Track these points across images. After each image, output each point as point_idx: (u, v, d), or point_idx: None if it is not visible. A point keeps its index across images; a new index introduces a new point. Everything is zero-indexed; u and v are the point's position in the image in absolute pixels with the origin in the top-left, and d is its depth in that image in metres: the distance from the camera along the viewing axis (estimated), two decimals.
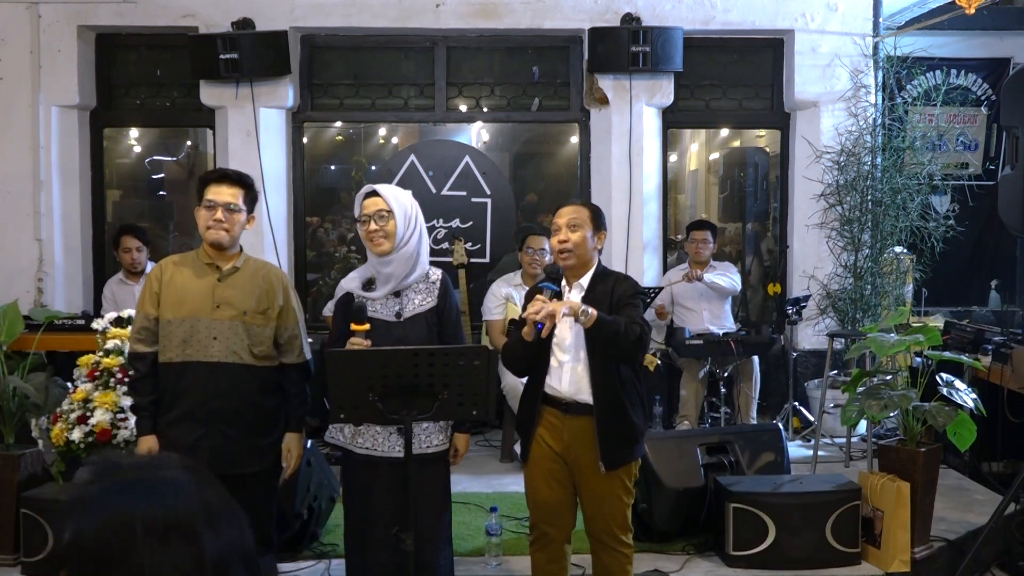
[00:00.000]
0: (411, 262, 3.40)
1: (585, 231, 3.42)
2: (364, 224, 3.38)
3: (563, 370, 3.40)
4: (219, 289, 3.43)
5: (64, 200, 6.88)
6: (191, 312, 3.39)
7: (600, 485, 3.37)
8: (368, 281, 3.42)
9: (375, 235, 3.35)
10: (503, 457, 5.98)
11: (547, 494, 3.44)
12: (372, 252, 3.39)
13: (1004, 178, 4.98)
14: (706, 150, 9.36)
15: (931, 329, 4.48)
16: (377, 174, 7.24)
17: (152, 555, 1.13)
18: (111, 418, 4.07)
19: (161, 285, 3.44)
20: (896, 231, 6.78)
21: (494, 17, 6.83)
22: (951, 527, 4.66)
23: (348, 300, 3.42)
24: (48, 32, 6.72)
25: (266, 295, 3.48)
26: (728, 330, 6.30)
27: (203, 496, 1.20)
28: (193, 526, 1.16)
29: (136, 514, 1.15)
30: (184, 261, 3.51)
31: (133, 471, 1.20)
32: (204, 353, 3.38)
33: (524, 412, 3.51)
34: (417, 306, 3.42)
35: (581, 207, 3.50)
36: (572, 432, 3.38)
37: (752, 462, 4.67)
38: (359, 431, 3.37)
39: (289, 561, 4.22)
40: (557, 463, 3.42)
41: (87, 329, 4.89)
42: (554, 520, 3.45)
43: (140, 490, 1.18)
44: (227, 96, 6.74)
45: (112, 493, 1.17)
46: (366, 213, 3.38)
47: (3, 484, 4.26)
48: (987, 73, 7.62)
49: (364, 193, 3.43)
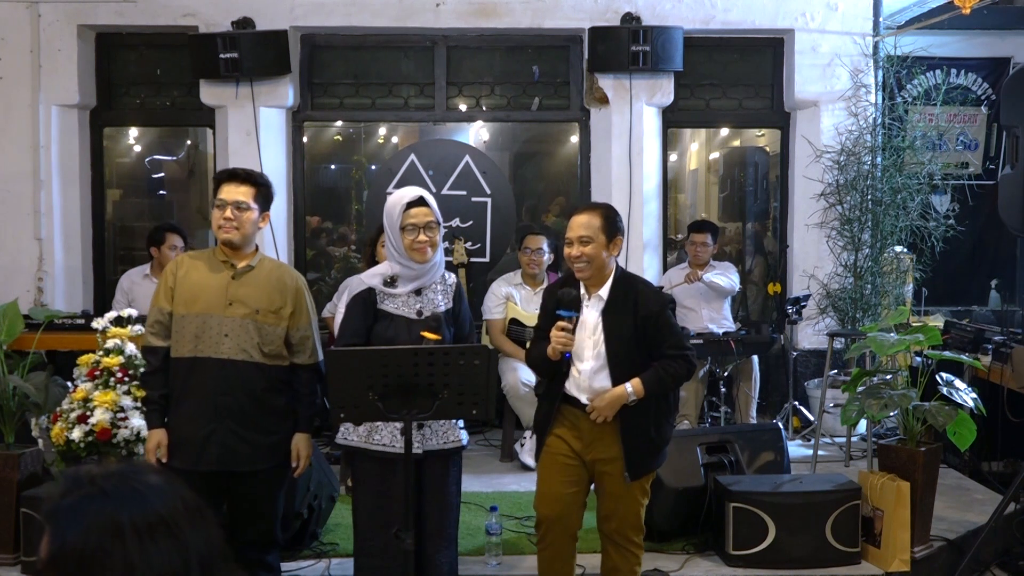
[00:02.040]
0: (438, 267, 3.47)
1: (597, 243, 3.35)
2: (410, 233, 3.34)
3: (583, 380, 3.39)
4: (232, 287, 3.45)
5: (64, 199, 6.88)
6: (204, 308, 3.42)
7: (619, 486, 3.39)
8: (391, 278, 3.41)
9: (423, 245, 3.34)
10: (503, 457, 5.98)
11: (559, 490, 3.42)
12: (414, 260, 3.36)
13: (1004, 178, 4.98)
14: (706, 150, 9.35)
15: (931, 329, 4.48)
16: (377, 174, 7.24)
17: (142, 552, 1.16)
18: (111, 417, 4.07)
19: (176, 280, 3.47)
20: (896, 231, 6.77)
21: (494, 16, 6.83)
22: (951, 527, 4.66)
23: (369, 296, 3.41)
24: (48, 31, 6.72)
25: (279, 295, 3.50)
26: (728, 330, 6.30)
27: (182, 496, 1.24)
28: (178, 523, 1.20)
29: (121, 516, 1.18)
30: (200, 257, 3.55)
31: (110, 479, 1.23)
32: (215, 349, 3.40)
33: (542, 411, 3.50)
34: (436, 305, 3.45)
35: (593, 215, 3.40)
36: (593, 432, 3.38)
37: (752, 462, 4.67)
38: (376, 428, 3.35)
39: (289, 561, 4.22)
40: (573, 461, 3.41)
41: (87, 328, 4.89)
42: (562, 517, 3.44)
43: (121, 494, 1.21)
44: (227, 95, 6.73)
45: (92, 500, 1.20)
46: (413, 223, 3.34)
47: (3, 483, 4.26)
48: (987, 73, 7.62)
49: (409, 201, 3.38)
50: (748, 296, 7.60)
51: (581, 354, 3.38)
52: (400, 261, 3.40)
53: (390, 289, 3.40)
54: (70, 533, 1.18)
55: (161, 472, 1.28)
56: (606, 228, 3.38)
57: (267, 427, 3.48)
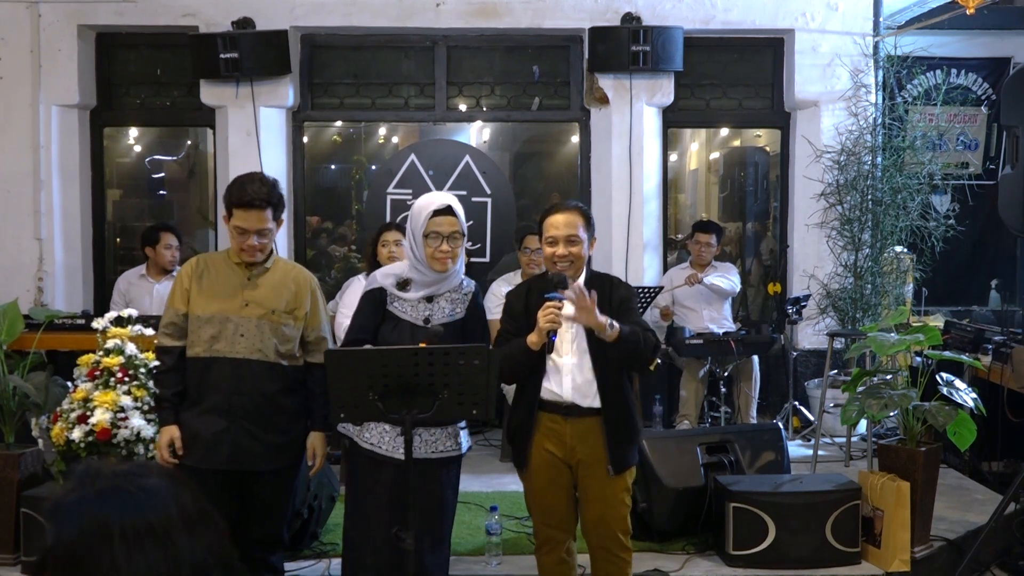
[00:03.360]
0: (455, 275, 3.40)
1: (581, 242, 3.36)
2: (433, 241, 3.28)
3: (564, 374, 3.36)
4: (248, 288, 3.47)
5: (64, 199, 6.88)
6: (220, 309, 3.44)
7: (606, 487, 3.38)
8: (404, 282, 3.38)
9: (444, 256, 3.29)
10: (503, 457, 5.97)
11: (553, 501, 3.43)
12: (433, 268, 3.31)
13: (1004, 177, 4.98)
14: (706, 149, 9.35)
15: (931, 328, 4.48)
16: (377, 174, 7.25)
17: (128, 560, 1.17)
18: (111, 417, 4.07)
19: (191, 282, 3.49)
20: (896, 231, 6.77)
21: (494, 16, 6.83)
22: (951, 527, 4.66)
23: (379, 295, 3.39)
24: (48, 31, 6.72)
25: (295, 297, 3.52)
26: (728, 329, 6.31)
27: (180, 503, 1.24)
28: (168, 531, 1.20)
29: (112, 521, 1.19)
30: (215, 258, 3.57)
31: (111, 479, 1.24)
32: (231, 349, 3.42)
33: (518, 419, 3.45)
34: (446, 315, 3.39)
35: (574, 215, 3.38)
36: (575, 435, 3.36)
37: (752, 462, 4.67)
38: (366, 425, 3.35)
39: (289, 560, 4.21)
40: (559, 468, 3.40)
41: (87, 328, 4.88)
42: (560, 523, 3.46)
43: (117, 498, 1.22)
44: (227, 95, 6.73)
45: (89, 501, 1.21)
46: (438, 231, 3.28)
47: (3, 483, 4.26)
48: (987, 73, 7.62)
49: (436, 209, 3.30)
50: (748, 296, 7.60)
51: (560, 349, 3.35)
52: (418, 267, 3.35)
53: (401, 292, 3.37)
54: (64, 531, 1.20)
55: (166, 474, 1.28)
56: (587, 227, 3.41)
57: (280, 427, 3.50)
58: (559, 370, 3.36)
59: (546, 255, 3.41)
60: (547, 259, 3.41)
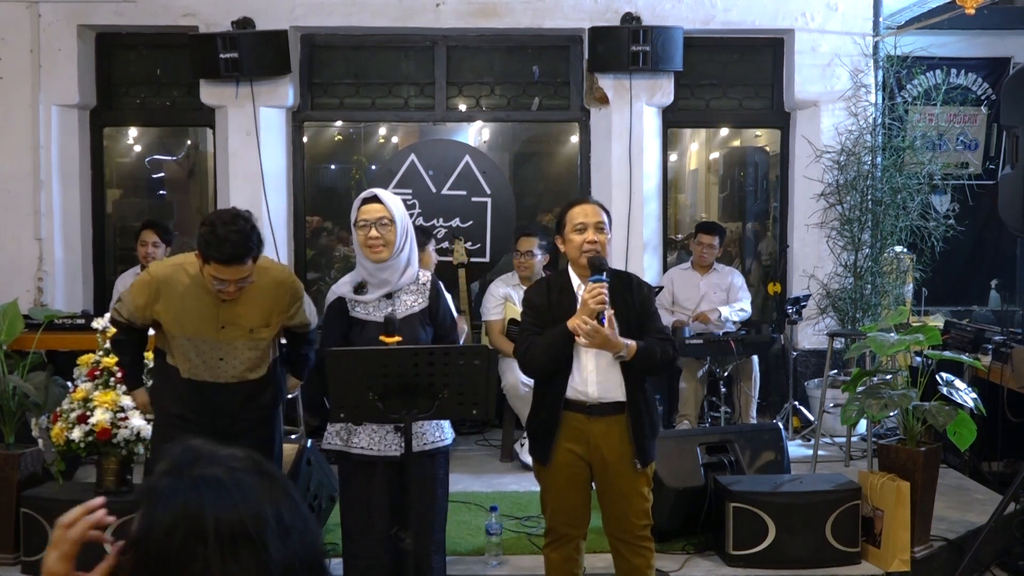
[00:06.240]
0: (403, 268, 3.43)
1: (607, 233, 3.48)
2: (363, 229, 3.36)
3: (589, 370, 3.38)
4: (224, 308, 3.36)
5: (64, 199, 6.87)
6: (195, 332, 3.37)
7: (628, 483, 3.41)
8: (359, 285, 3.43)
9: (375, 242, 3.34)
10: (503, 457, 5.97)
11: (573, 500, 3.46)
12: (368, 258, 3.37)
13: (1004, 177, 4.98)
14: (706, 149, 9.35)
15: (931, 328, 4.48)
16: (377, 174, 7.24)
17: (220, 562, 1.12)
18: (111, 417, 4.06)
19: (160, 298, 3.38)
20: (896, 231, 6.77)
21: (494, 16, 6.83)
22: (951, 527, 4.66)
23: (340, 305, 3.45)
24: (48, 31, 6.71)
25: (275, 307, 3.47)
26: (728, 329, 6.30)
27: (275, 503, 1.17)
28: (263, 536, 1.14)
29: (207, 518, 1.13)
30: (177, 279, 3.37)
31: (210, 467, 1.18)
32: (212, 374, 3.41)
33: (542, 417, 3.45)
34: (409, 307, 3.44)
35: (600, 208, 3.52)
36: (598, 434, 3.38)
37: (752, 461, 4.67)
38: (355, 431, 3.37)
39: None
40: (579, 466, 3.43)
41: (87, 328, 4.88)
42: (575, 520, 3.49)
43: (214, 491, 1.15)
44: (227, 95, 6.73)
45: (186, 490, 1.15)
46: (365, 219, 3.36)
47: (3, 483, 4.26)
48: (987, 73, 7.62)
49: (364, 198, 3.42)
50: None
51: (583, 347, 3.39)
52: (362, 263, 3.42)
53: (359, 296, 3.42)
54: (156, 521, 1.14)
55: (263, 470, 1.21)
56: (608, 221, 3.52)
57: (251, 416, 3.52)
58: (584, 367, 3.38)
59: (575, 242, 3.42)
60: (575, 247, 3.41)
